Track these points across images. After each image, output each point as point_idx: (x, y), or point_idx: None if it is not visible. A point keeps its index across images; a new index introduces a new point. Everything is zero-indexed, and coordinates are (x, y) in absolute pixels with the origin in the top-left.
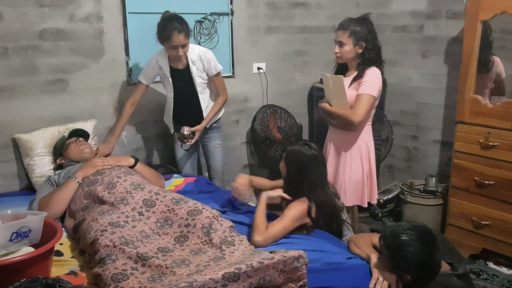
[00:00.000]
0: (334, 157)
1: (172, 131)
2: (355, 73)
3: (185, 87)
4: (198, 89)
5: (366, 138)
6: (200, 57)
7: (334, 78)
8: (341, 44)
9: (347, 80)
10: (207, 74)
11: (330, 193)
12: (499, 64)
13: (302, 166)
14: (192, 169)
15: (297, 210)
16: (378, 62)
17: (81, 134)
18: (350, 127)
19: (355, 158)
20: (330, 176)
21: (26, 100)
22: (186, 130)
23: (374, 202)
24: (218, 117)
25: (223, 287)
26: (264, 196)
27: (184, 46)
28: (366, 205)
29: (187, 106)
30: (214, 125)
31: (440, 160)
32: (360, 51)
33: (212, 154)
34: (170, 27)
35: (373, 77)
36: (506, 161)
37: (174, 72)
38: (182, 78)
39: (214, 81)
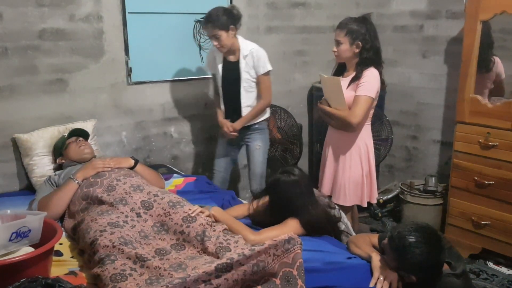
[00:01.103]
0: (333, 157)
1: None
2: (353, 74)
3: (232, 80)
4: (244, 84)
5: (365, 138)
6: (251, 53)
7: (332, 79)
8: (338, 43)
9: (345, 81)
10: (256, 73)
11: (320, 209)
12: (499, 65)
13: (284, 194)
14: (225, 168)
15: (295, 222)
16: (376, 62)
17: (81, 134)
18: (348, 128)
19: (354, 158)
20: (329, 176)
21: (26, 100)
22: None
23: (374, 201)
24: (262, 119)
25: (217, 278)
26: (217, 212)
27: (216, 37)
28: (365, 205)
29: (229, 99)
30: (256, 126)
31: (440, 160)
32: (357, 50)
33: (253, 156)
34: (204, 18)
35: (371, 78)
36: (506, 161)
37: (226, 63)
38: (231, 70)
39: (260, 81)
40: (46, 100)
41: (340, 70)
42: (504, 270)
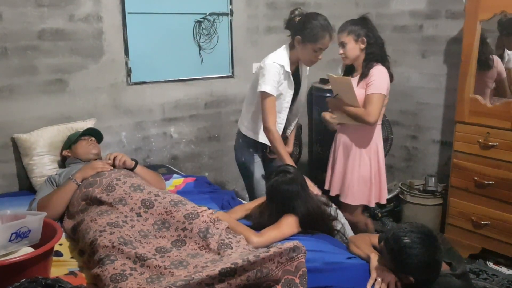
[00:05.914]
0: (343, 155)
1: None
2: (361, 72)
3: (295, 92)
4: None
5: (376, 138)
6: None
7: (342, 79)
8: (343, 44)
9: (353, 81)
10: None
11: (315, 204)
12: (499, 63)
13: (285, 194)
14: None
15: (292, 218)
16: (382, 57)
17: (96, 135)
18: (365, 125)
19: (364, 156)
20: (339, 175)
21: (26, 100)
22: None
23: (384, 202)
24: None
25: (220, 282)
26: (221, 215)
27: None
28: (373, 205)
29: (289, 114)
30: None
31: (440, 160)
32: (363, 46)
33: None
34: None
35: (379, 76)
36: (506, 160)
37: (291, 77)
38: (295, 81)
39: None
40: (45, 100)
41: (348, 71)
42: (504, 270)
